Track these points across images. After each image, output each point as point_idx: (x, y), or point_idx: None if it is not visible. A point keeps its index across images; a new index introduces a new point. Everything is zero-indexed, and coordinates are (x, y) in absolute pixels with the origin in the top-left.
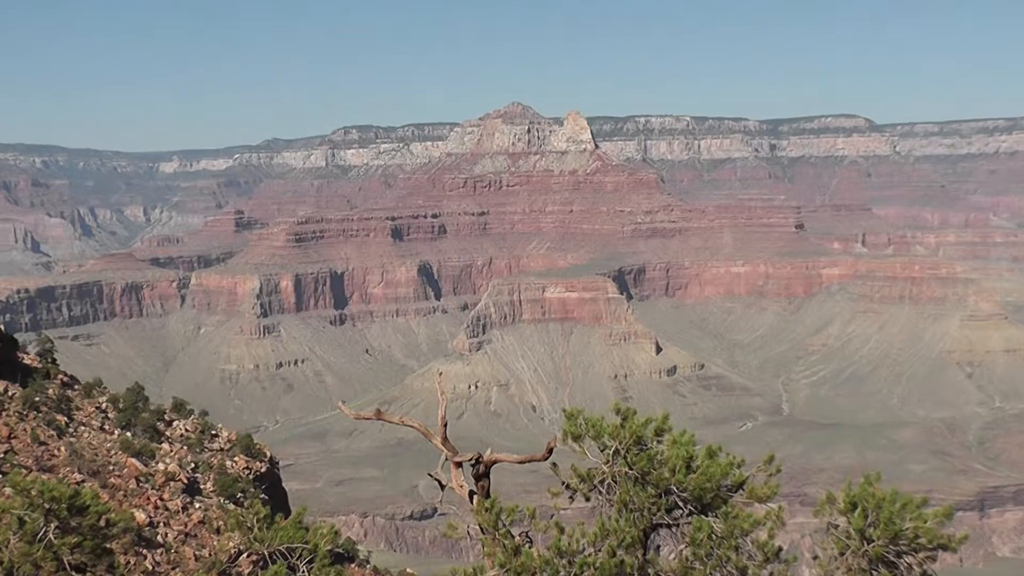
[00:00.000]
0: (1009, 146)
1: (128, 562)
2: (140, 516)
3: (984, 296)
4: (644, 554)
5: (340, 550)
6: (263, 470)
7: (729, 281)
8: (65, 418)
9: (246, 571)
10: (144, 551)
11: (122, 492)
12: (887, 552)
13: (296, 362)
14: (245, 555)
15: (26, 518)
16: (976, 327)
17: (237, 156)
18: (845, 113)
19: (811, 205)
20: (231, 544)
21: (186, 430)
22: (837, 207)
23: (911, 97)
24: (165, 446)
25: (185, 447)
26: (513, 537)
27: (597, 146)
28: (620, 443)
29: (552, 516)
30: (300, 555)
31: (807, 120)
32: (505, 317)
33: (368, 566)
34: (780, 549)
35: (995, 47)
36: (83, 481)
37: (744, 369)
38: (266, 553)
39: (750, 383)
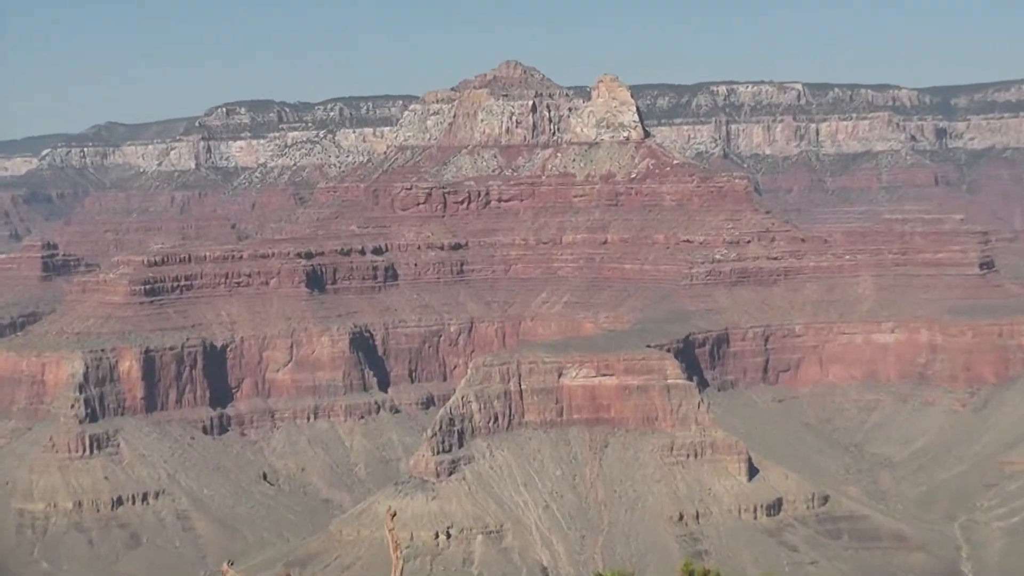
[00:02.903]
0: None
1: None
2: None
3: None
4: None
5: None
6: None
7: (870, 358)
8: None
9: None
10: None
11: None
12: None
13: (146, 497)
14: None
15: None
16: None
17: (46, 153)
18: None
19: (1006, 229)
20: None
21: None
22: None
23: None
24: None
25: None
26: None
27: (648, 133)
28: None
29: None
30: None
31: (998, 87)
32: (496, 419)
33: None
34: None
35: None
36: None
37: (897, 504)
38: None
39: (907, 528)
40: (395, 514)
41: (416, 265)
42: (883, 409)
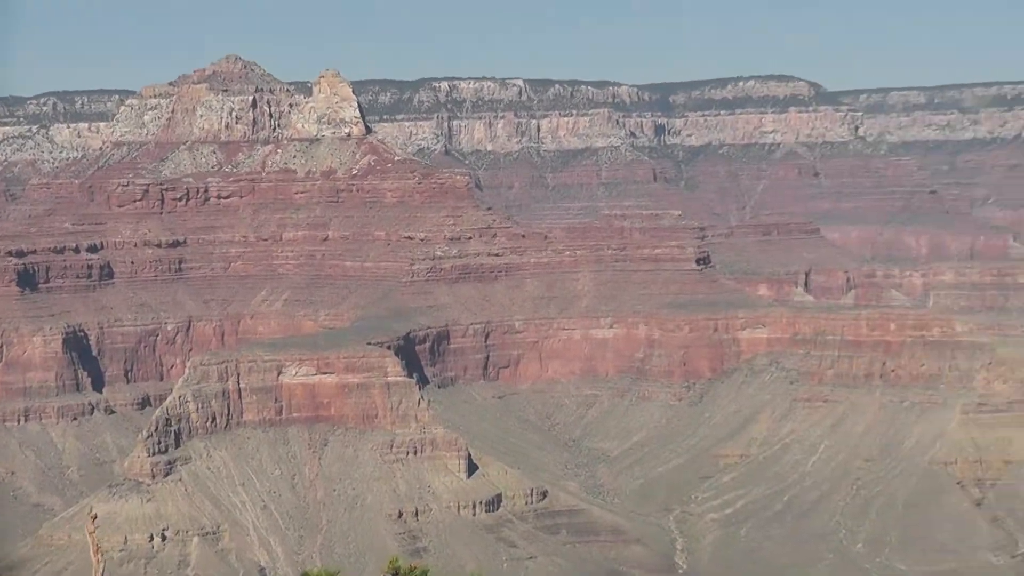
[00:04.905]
0: None
1: None
2: None
3: (1001, 372)
4: None
5: None
6: None
7: (589, 353)
8: None
9: None
10: None
11: None
12: None
13: None
14: None
15: None
16: (988, 424)
17: None
18: (777, 74)
19: (722, 225)
20: None
21: None
22: (765, 228)
23: (883, 49)
24: None
25: None
26: None
27: (370, 129)
28: None
29: None
30: None
31: (715, 85)
32: (214, 419)
33: None
34: None
35: None
36: None
37: (615, 498)
38: None
39: (624, 521)
40: (96, 516)
41: (133, 263)
42: (601, 404)
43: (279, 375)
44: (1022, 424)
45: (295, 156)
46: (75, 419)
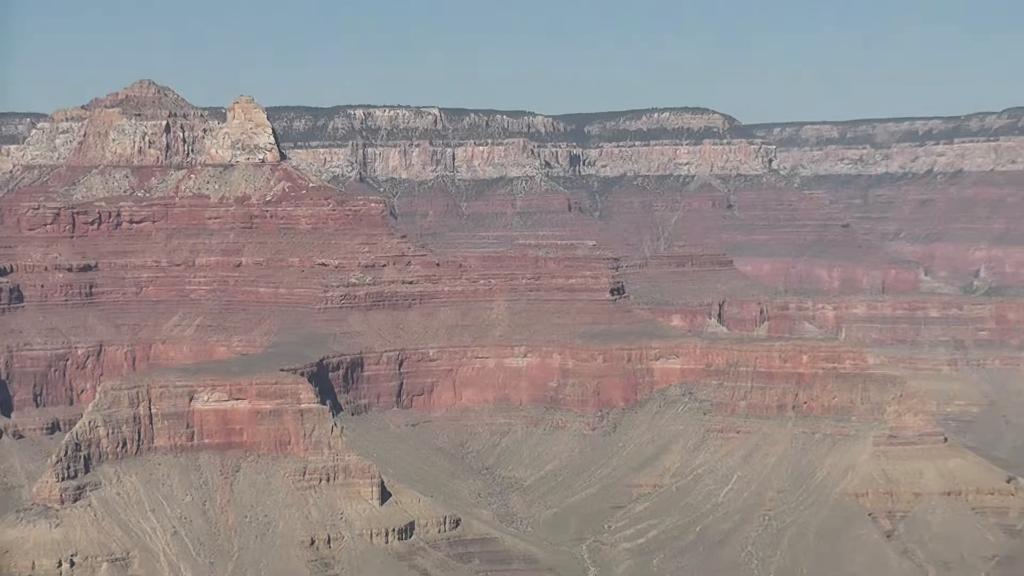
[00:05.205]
0: (949, 161)
1: None
2: None
3: (911, 405)
4: None
5: None
6: None
7: (503, 382)
8: None
9: None
10: None
11: None
12: None
13: None
14: None
15: None
16: (899, 456)
17: None
18: (692, 106)
19: (637, 255)
20: None
21: None
22: (679, 259)
23: (796, 82)
24: None
25: None
26: None
27: (284, 156)
28: None
29: None
30: None
31: (630, 116)
32: (124, 444)
33: None
34: None
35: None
36: None
37: (528, 527)
38: None
39: (536, 550)
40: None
41: (43, 287)
42: (515, 433)
43: (191, 401)
44: (932, 456)
45: (209, 181)
46: None
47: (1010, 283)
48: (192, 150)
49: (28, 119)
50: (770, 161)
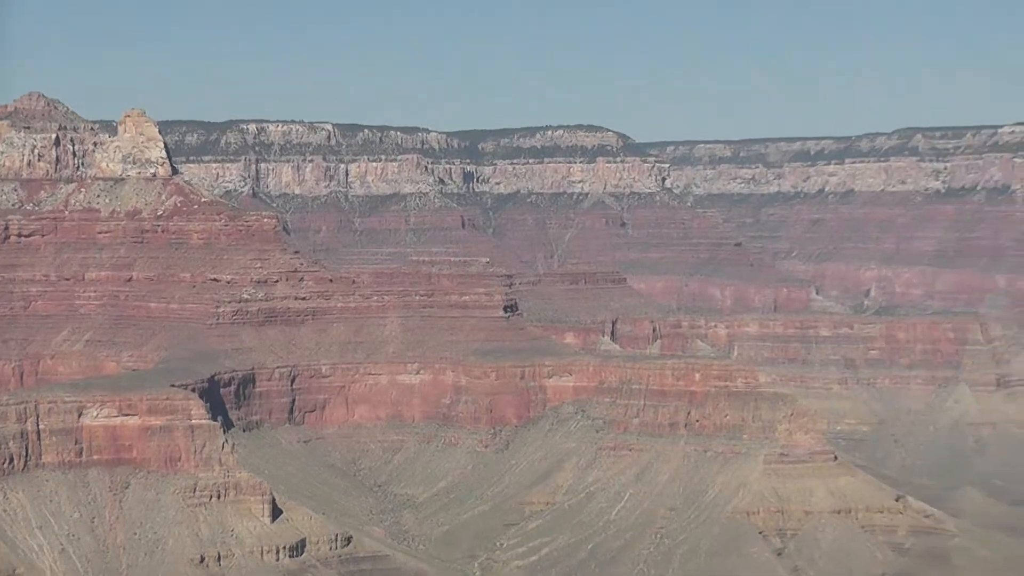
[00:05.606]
0: (841, 181)
1: None
2: None
3: (802, 424)
4: None
5: None
6: None
7: (396, 399)
8: None
9: None
10: None
11: None
12: None
13: None
14: None
15: None
16: (789, 474)
17: None
18: (586, 124)
19: (530, 273)
20: None
21: None
22: (572, 276)
23: (689, 101)
24: None
25: None
26: None
27: (176, 170)
28: None
29: None
30: None
31: (524, 133)
32: (11, 461)
33: None
34: None
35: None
36: None
37: (420, 544)
38: None
39: (428, 567)
40: None
41: None
42: (408, 450)
43: (80, 416)
44: (822, 475)
45: (99, 195)
46: None
47: (900, 303)
48: (82, 163)
49: None
50: (663, 179)
